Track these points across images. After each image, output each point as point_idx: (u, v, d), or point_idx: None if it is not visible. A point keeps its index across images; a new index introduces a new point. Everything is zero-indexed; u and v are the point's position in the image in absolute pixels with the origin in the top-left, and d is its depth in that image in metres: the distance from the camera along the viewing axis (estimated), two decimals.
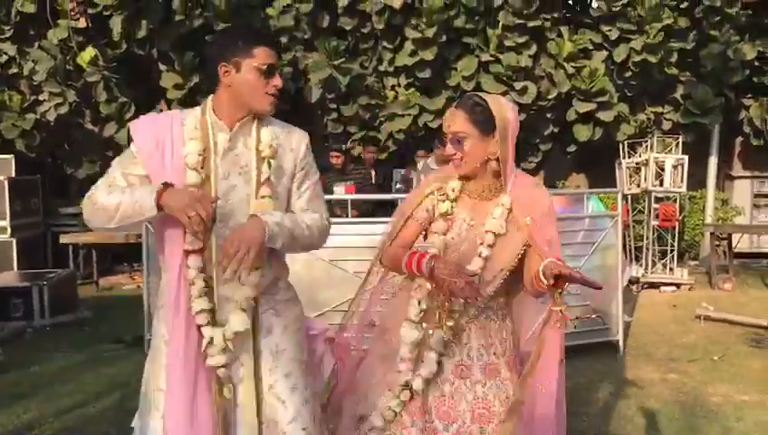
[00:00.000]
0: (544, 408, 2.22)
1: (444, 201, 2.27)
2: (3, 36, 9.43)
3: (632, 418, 4.23)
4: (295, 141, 2.30)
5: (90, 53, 8.78)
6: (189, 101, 9.00)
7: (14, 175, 8.62)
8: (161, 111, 9.55)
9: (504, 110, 2.20)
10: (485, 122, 2.19)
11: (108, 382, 4.93)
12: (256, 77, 2.15)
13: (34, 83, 9.33)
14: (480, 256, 2.23)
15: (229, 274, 2.07)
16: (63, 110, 9.25)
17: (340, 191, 6.92)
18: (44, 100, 9.34)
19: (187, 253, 2.15)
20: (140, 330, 5.70)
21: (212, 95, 2.24)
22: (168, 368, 2.16)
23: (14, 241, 8.27)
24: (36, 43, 9.29)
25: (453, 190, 2.28)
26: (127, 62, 9.09)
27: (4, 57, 9.49)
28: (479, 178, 2.26)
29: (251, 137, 2.23)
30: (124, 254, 9.59)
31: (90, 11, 8.84)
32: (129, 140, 2.25)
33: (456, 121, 2.21)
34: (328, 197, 7.01)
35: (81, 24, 8.87)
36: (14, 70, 9.50)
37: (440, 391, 2.27)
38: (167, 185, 2.07)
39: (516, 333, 2.38)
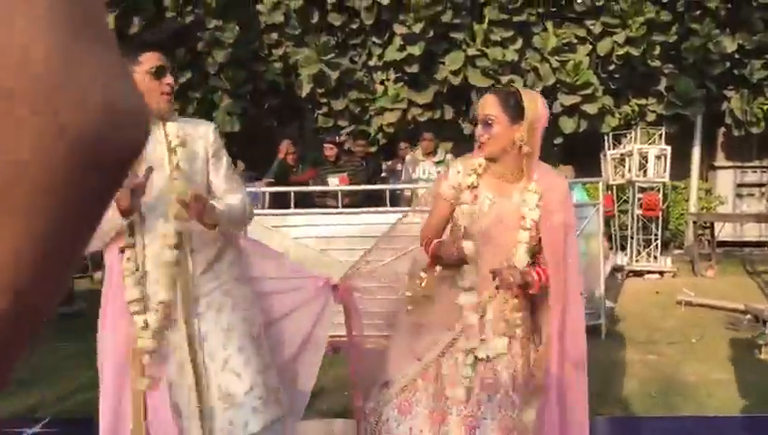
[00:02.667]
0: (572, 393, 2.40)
1: (470, 175, 2.41)
2: None
3: (610, 396, 4.42)
4: (202, 130, 2.49)
5: None
6: (182, 95, 9.15)
7: None
8: None
9: (536, 103, 2.35)
10: (515, 110, 2.33)
11: None
12: (148, 80, 2.32)
13: None
14: (520, 241, 2.36)
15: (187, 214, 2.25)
16: None
17: (334, 182, 7.08)
18: None
19: (122, 249, 2.33)
20: None
21: None
22: (102, 358, 2.41)
23: None
24: None
25: (479, 165, 2.42)
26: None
27: None
28: (503, 162, 2.39)
29: (160, 132, 2.40)
30: None
31: None
32: None
33: (488, 106, 2.35)
34: (323, 188, 7.27)
35: None
36: None
37: (454, 360, 2.40)
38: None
39: (537, 319, 2.46)
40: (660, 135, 9.03)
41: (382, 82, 9.64)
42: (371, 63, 9.60)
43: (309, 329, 2.87)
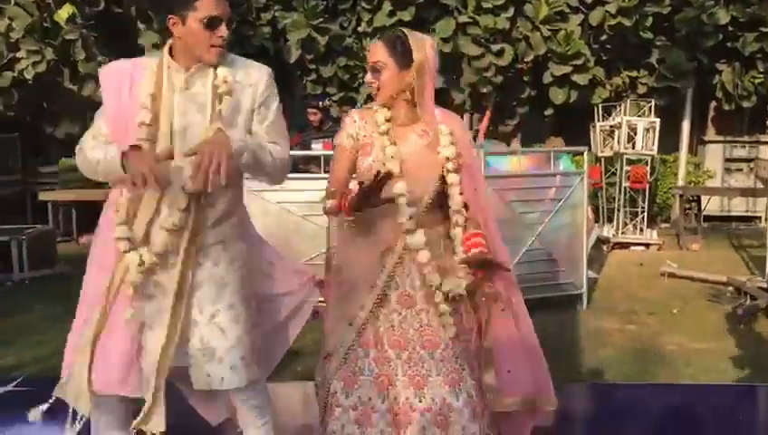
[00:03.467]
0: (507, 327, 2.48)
1: (382, 124, 2.39)
2: None
3: (587, 363, 4.44)
4: (254, 77, 2.38)
5: (67, 9, 8.74)
6: None
7: None
8: None
9: (423, 46, 2.37)
10: (404, 55, 2.34)
11: None
12: (200, 29, 2.23)
13: (11, 41, 9.27)
14: (453, 184, 2.40)
15: (199, 185, 2.13)
16: (41, 68, 9.21)
17: (318, 148, 7.02)
18: (22, 57, 9.28)
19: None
20: None
21: (170, 40, 2.34)
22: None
23: None
24: (12, 0, 9.23)
25: (386, 118, 2.40)
26: (105, 20, 9.07)
27: None
28: (396, 109, 2.42)
29: (208, 76, 2.32)
30: None
31: None
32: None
33: (377, 53, 2.36)
34: (307, 153, 7.20)
35: None
36: None
37: (389, 322, 2.40)
38: (132, 147, 2.18)
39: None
40: (650, 108, 8.98)
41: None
42: (361, 29, 9.47)
43: (287, 314, 2.79)
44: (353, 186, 2.33)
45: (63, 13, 8.77)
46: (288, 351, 2.92)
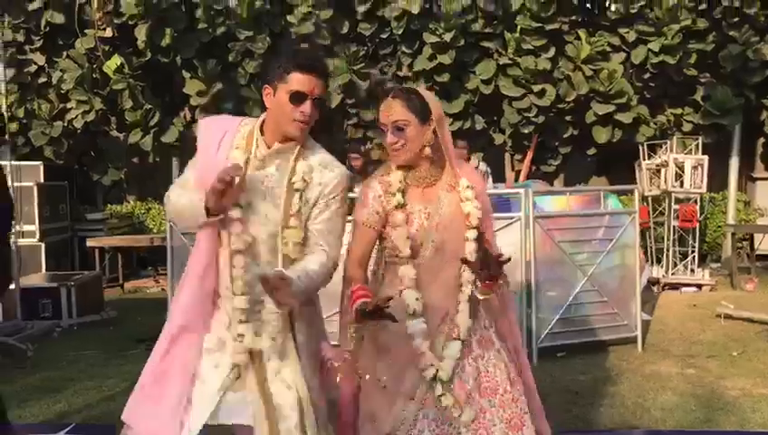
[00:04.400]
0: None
1: (393, 194, 2.32)
2: (33, 47, 9.72)
3: (649, 409, 4.26)
4: (328, 178, 2.32)
5: (115, 61, 9.00)
6: (212, 107, 9.19)
7: (42, 181, 8.83)
8: (185, 117, 9.77)
9: (434, 99, 2.37)
10: (423, 110, 2.29)
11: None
12: (286, 102, 2.23)
13: (62, 92, 9.57)
14: (469, 239, 2.34)
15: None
16: (90, 117, 9.48)
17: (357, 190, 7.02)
18: (72, 108, 9.58)
19: (232, 253, 2.25)
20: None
21: (264, 114, 2.37)
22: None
23: (43, 245, 8.45)
24: (64, 53, 9.56)
25: (399, 182, 2.34)
26: (151, 69, 9.30)
27: (34, 67, 9.78)
28: (418, 167, 2.35)
29: (288, 163, 2.30)
30: (149, 257, 9.78)
31: (116, 21, 9.09)
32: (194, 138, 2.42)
33: (396, 110, 2.29)
34: (350, 195, 7.19)
35: (108, 33, 9.12)
36: (44, 79, 9.79)
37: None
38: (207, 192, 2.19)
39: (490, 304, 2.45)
40: (697, 145, 8.82)
41: None
42: (401, 73, 9.54)
43: None
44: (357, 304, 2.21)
45: (112, 63, 9.03)
46: None
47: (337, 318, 2.56)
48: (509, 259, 2.25)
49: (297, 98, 2.22)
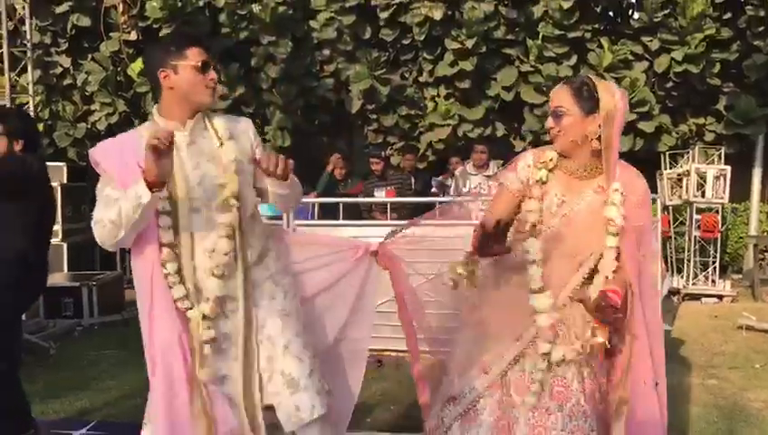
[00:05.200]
0: (648, 405, 2.30)
1: (540, 169, 2.28)
2: (59, 49, 9.86)
3: (670, 421, 4.20)
4: (243, 126, 2.52)
5: (140, 64, 9.10)
6: (234, 111, 9.26)
7: (65, 182, 8.93)
8: None
9: (613, 95, 2.22)
10: (588, 101, 2.21)
11: None
12: (194, 74, 2.35)
13: (87, 94, 9.70)
14: (608, 246, 2.23)
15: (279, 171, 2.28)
16: (114, 119, 9.59)
17: (380, 195, 7.05)
18: (96, 110, 9.70)
19: (161, 245, 2.32)
20: None
21: (156, 104, 2.45)
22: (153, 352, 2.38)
23: (65, 245, 8.54)
24: (90, 56, 9.69)
25: (551, 160, 2.29)
26: None
27: (60, 69, 9.91)
28: (576, 157, 2.27)
29: (207, 129, 2.43)
30: None
31: (140, 24, 9.21)
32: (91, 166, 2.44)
33: (560, 97, 2.25)
34: (371, 200, 7.24)
35: (132, 36, 9.24)
36: (69, 81, 9.92)
37: (520, 367, 2.29)
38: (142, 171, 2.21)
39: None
40: (719, 155, 8.74)
41: (433, 98, 9.57)
42: (422, 79, 9.56)
43: (353, 300, 2.90)
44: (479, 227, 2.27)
45: (136, 66, 9.14)
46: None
47: (387, 308, 2.77)
48: (622, 317, 2.15)
49: (205, 67, 2.37)
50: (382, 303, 4.96)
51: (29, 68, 8.87)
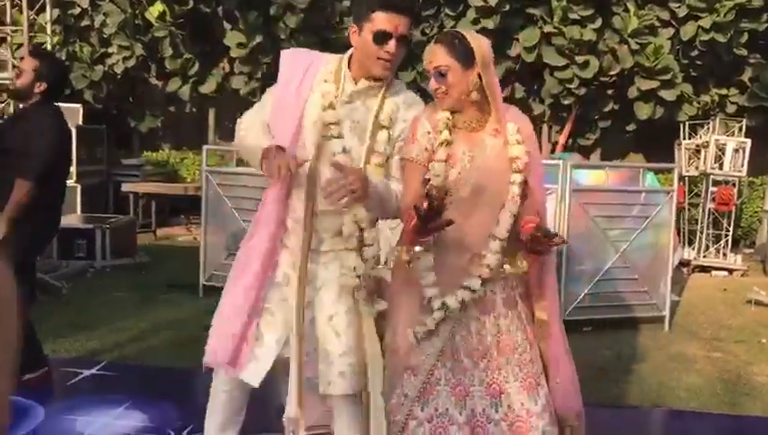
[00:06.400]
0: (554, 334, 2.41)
1: (442, 130, 2.29)
2: None
3: (673, 389, 4.25)
4: (410, 115, 2.36)
5: (158, 8, 9.02)
6: (252, 60, 9.19)
7: (81, 123, 8.93)
8: (224, 69, 9.78)
9: (481, 42, 2.28)
10: (466, 55, 2.24)
11: (163, 322, 5.17)
12: (370, 41, 2.24)
13: (104, 36, 9.64)
14: (514, 182, 2.30)
15: (332, 198, 2.14)
16: (131, 63, 9.55)
17: None
18: (113, 52, 9.65)
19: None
20: (194, 278, 5.93)
21: (351, 49, 2.37)
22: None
23: (79, 187, 8.58)
24: None
25: (447, 120, 2.30)
26: (193, 19, 9.30)
27: (77, 9, 9.82)
28: (464, 111, 2.31)
29: (375, 100, 2.34)
30: (182, 206, 9.89)
31: None
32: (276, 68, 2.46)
33: (438, 56, 2.25)
34: None
35: None
36: (86, 22, 9.84)
37: (466, 330, 2.31)
38: (275, 147, 2.21)
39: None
40: (740, 127, 8.61)
41: None
42: None
43: None
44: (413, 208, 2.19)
45: (155, 10, 9.05)
46: None
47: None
48: (563, 242, 2.25)
49: (381, 37, 2.23)
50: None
51: (47, 6, 8.81)
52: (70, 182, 8.58)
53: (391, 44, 2.23)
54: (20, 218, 3.42)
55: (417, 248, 2.25)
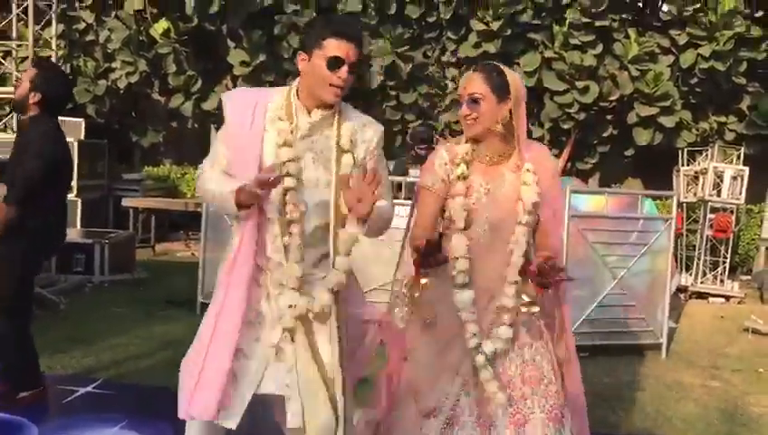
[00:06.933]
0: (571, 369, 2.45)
1: (458, 164, 2.34)
2: (83, 4, 9.84)
3: (670, 418, 4.25)
4: (369, 134, 2.38)
5: (163, 25, 9.09)
6: (255, 78, 9.24)
7: (83, 138, 8.96)
8: (227, 86, 9.83)
9: (518, 79, 2.34)
10: (502, 88, 2.30)
11: (160, 339, 5.15)
12: (323, 67, 2.23)
13: (108, 51, 9.70)
14: (521, 223, 2.32)
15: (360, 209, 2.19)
16: (134, 79, 9.60)
17: (415, 174, 7.00)
18: (117, 68, 9.71)
19: (287, 222, 2.29)
20: (192, 294, 5.92)
21: (297, 79, 2.36)
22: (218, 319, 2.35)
23: (80, 201, 8.58)
24: (113, 13, 9.67)
25: (465, 153, 2.35)
26: (197, 36, 9.36)
27: (83, 24, 9.90)
28: (488, 143, 2.35)
29: (332, 128, 2.33)
30: (182, 222, 9.90)
31: None
32: (219, 111, 2.46)
33: (475, 83, 2.31)
34: (400, 178, 7.15)
35: None
36: (91, 37, 9.92)
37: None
38: (239, 189, 2.21)
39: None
40: (739, 155, 8.67)
41: (454, 79, 9.52)
42: (444, 59, 9.50)
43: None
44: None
45: (159, 27, 9.12)
46: None
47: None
48: (569, 279, 2.28)
49: (334, 63, 2.22)
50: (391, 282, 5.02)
51: (53, 22, 8.87)
52: (70, 196, 8.64)
53: (343, 71, 2.23)
54: (16, 234, 3.42)
55: (423, 280, 2.28)
